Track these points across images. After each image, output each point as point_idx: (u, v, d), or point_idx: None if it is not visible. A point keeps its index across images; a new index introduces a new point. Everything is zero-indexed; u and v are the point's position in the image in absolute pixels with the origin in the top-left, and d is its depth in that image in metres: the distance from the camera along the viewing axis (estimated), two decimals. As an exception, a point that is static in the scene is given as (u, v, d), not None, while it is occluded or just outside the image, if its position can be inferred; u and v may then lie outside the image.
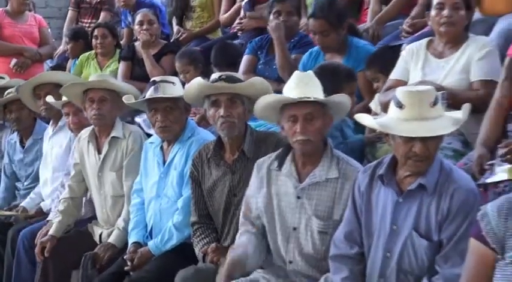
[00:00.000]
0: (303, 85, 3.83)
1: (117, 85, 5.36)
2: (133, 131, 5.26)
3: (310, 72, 4.03)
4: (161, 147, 4.82)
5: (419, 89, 3.50)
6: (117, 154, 5.17)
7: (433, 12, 4.60)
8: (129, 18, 7.86)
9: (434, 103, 3.42)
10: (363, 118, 3.72)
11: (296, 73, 4.00)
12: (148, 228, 4.81)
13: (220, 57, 6.26)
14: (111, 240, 4.97)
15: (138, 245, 4.72)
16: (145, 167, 4.91)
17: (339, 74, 4.74)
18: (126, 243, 4.86)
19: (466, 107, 3.71)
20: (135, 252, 4.63)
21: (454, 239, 3.34)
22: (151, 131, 5.22)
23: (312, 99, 3.77)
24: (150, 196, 4.83)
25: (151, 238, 4.72)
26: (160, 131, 4.72)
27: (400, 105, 3.42)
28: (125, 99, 4.93)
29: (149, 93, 4.68)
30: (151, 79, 4.92)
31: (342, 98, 3.92)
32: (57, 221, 5.21)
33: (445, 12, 4.52)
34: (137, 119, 6.31)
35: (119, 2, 8.11)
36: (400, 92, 3.48)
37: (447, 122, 3.42)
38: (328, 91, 3.98)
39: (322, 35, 5.47)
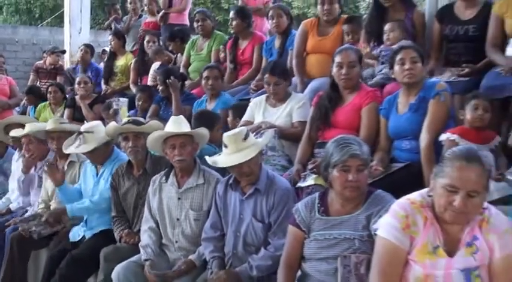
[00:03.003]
0: (177, 125, 3.86)
1: (71, 128, 5.19)
2: (84, 158, 5.04)
3: (181, 116, 4.04)
4: (96, 166, 4.72)
5: (233, 133, 3.56)
6: (73, 172, 5.02)
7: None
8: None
9: (245, 137, 3.47)
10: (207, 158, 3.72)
11: (172, 117, 4.02)
12: (85, 218, 4.68)
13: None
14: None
15: None
16: (84, 178, 4.80)
17: (212, 116, 4.77)
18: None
19: (268, 134, 3.84)
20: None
21: (278, 221, 3.40)
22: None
23: (181, 132, 3.82)
24: (86, 196, 4.70)
25: (86, 224, 4.62)
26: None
27: (225, 145, 3.49)
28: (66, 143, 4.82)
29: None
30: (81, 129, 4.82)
31: (202, 131, 3.96)
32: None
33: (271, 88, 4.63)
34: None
35: None
36: (223, 137, 3.55)
37: (255, 148, 3.46)
38: (207, 127, 4.06)
39: (215, 80, 5.39)
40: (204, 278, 3.51)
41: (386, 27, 4.65)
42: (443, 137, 3.55)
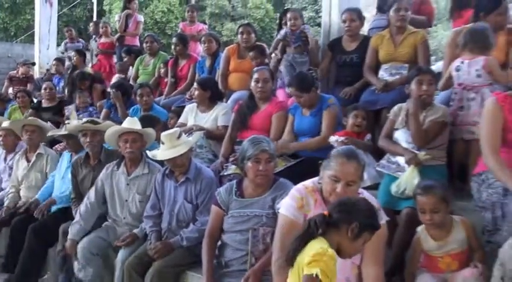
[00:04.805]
0: (130, 124, 3.78)
1: (43, 124, 5.04)
2: (50, 151, 4.93)
3: (135, 118, 3.96)
4: (71, 154, 4.55)
5: (169, 132, 3.48)
6: (41, 162, 4.81)
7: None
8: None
9: (179, 136, 3.42)
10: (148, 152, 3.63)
11: (128, 118, 3.93)
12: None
13: None
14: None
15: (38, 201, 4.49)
16: (61, 162, 4.66)
17: (154, 119, 4.56)
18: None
19: (197, 134, 3.79)
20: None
21: (204, 202, 3.37)
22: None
23: (134, 129, 3.74)
24: (60, 175, 4.55)
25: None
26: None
27: (162, 142, 3.42)
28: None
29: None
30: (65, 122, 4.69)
31: (149, 130, 3.87)
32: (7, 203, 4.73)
33: (196, 93, 4.64)
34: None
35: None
36: (161, 135, 3.47)
37: (186, 145, 3.41)
38: (152, 127, 3.95)
39: (147, 96, 5.19)
40: (145, 247, 3.43)
41: (289, 15, 4.88)
42: (332, 139, 3.62)
